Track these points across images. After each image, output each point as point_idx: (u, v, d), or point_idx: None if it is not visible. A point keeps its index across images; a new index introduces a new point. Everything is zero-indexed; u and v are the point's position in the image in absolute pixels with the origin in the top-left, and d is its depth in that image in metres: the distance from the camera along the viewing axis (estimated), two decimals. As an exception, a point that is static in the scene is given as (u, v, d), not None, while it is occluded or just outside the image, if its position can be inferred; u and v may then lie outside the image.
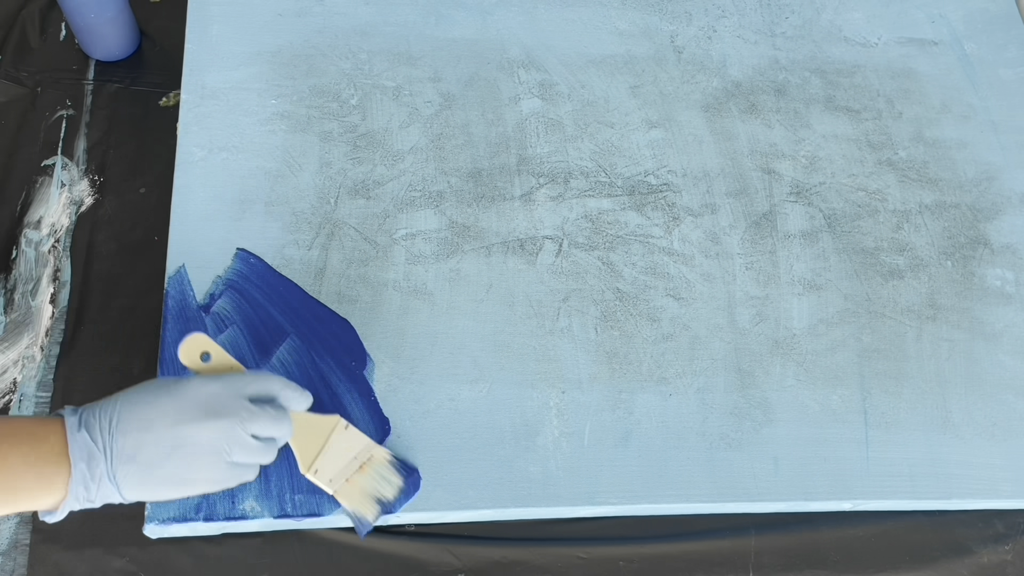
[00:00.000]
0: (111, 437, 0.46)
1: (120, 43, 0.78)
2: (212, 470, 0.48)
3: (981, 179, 0.78)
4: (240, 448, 0.48)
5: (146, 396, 0.48)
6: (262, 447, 0.50)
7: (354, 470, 0.57)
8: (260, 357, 0.62)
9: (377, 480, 0.58)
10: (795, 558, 0.65)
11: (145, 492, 0.48)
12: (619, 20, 0.82)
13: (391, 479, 0.58)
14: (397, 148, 0.72)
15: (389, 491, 0.58)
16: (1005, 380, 0.70)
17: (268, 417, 0.50)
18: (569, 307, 0.68)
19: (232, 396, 0.49)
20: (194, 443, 0.47)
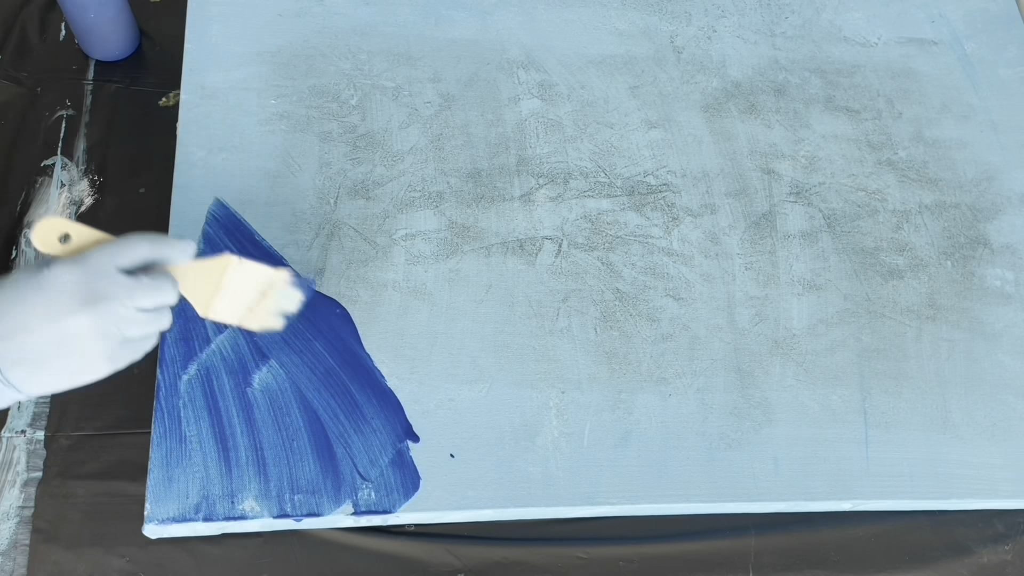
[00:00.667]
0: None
1: (120, 43, 0.78)
2: (106, 353, 0.46)
3: (981, 179, 0.78)
4: (129, 325, 0.47)
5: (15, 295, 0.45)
6: (153, 316, 0.48)
7: (256, 299, 0.56)
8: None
9: (278, 301, 0.57)
10: (795, 558, 0.65)
11: (44, 386, 0.47)
12: (619, 20, 0.82)
13: (292, 296, 0.57)
14: (397, 148, 0.73)
15: (292, 306, 0.57)
16: (1005, 380, 0.70)
17: (146, 287, 0.47)
18: (569, 307, 0.68)
19: (102, 275, 0.46)
20: (77, 334, 0.45)
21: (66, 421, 0.64)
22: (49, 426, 0.64)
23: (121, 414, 0.65)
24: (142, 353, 0.49)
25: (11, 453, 0.63)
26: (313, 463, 0.60)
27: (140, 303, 0.47)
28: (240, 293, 0.55)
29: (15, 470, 0.62)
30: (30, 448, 0.63)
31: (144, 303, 0.47)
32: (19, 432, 0.64)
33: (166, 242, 0.49)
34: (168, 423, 0.60)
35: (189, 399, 0.61)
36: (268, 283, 0.56)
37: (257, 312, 0.56)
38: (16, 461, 0.63)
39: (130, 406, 0.65)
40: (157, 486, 0.58)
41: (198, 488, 0.58)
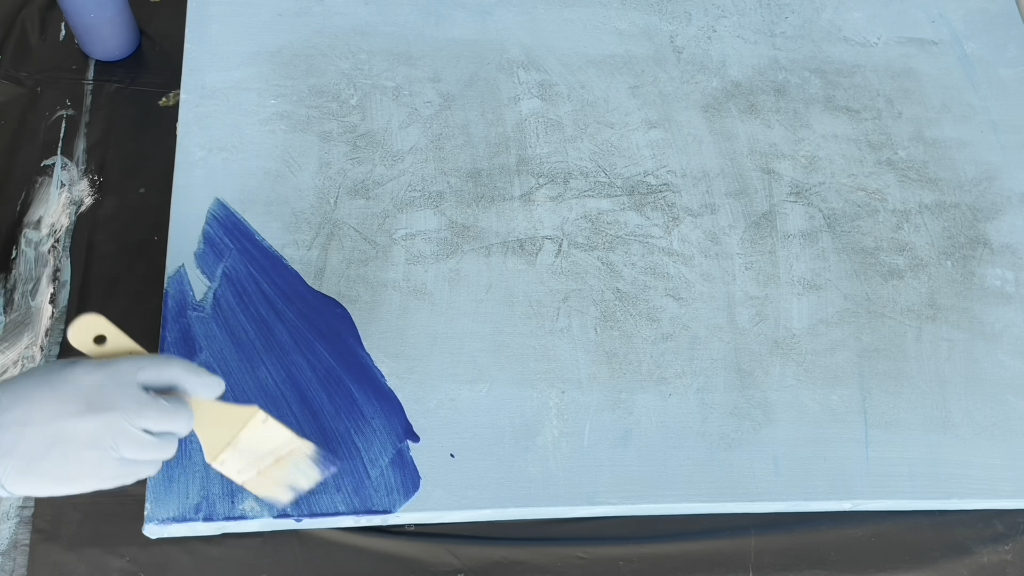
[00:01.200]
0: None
1: (120, 43, 0.78)
2: (98, 466, 0.44)
3: (981, 179, 0.78)
4: (128, 443, 0.44)
5: (27, 385, 0.44)
6: (156, 442, 0.45)
7: (269, 463, 0.52)
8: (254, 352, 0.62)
9: (292, 472, 0.54)
10: (795, 558, 0.65)
11: (29, 487, 0.44)
12: (619, 20, 0.82)
13: (308, 472, 0.54)
14: (397, 148, 0.72)
15: (304, 483, 0.54)
16: (1005, 380, 0.70)
17: (159, 409, 0.45)
18: (569, 307, 0.68)
19: (119, 385, 0.44)
20: (72, 439, 0.43)
21: (66, 421, 0.64)
22: (49, 426, 0.64)
23: (121, 414, 0.65)
24: (135, 479, 0.46)
25: (11, 453, 0.63)
26: (313, 463, 0.60)
27: (150, 424, 0.45)
28: (255, 451, 0.51)
29: (15, 470, 0.62)
30: (30, 448, 0.63)
31: (152, 425, 0.45)
32: None
33: (197, 372, 0.47)
34: (168, 423, 0.60)
35: (189, 399, 0.60)
36: (288, 449, 0.53)
37: (266, 477, 0.53)
38: (16, 461, 0.63)
39: (130, 406, 0.65)
40: (157, 486, 0.58)
41: (198, 488, 0.58)
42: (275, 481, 0.53)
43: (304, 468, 0.54)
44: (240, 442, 0.51)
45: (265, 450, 0.52)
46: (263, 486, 0.53)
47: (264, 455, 0.52)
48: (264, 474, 0.53)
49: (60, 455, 0.43)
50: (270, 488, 0.53)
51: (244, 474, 0.52)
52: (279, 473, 0.53)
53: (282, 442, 0.52)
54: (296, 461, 0.53)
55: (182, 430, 0.47)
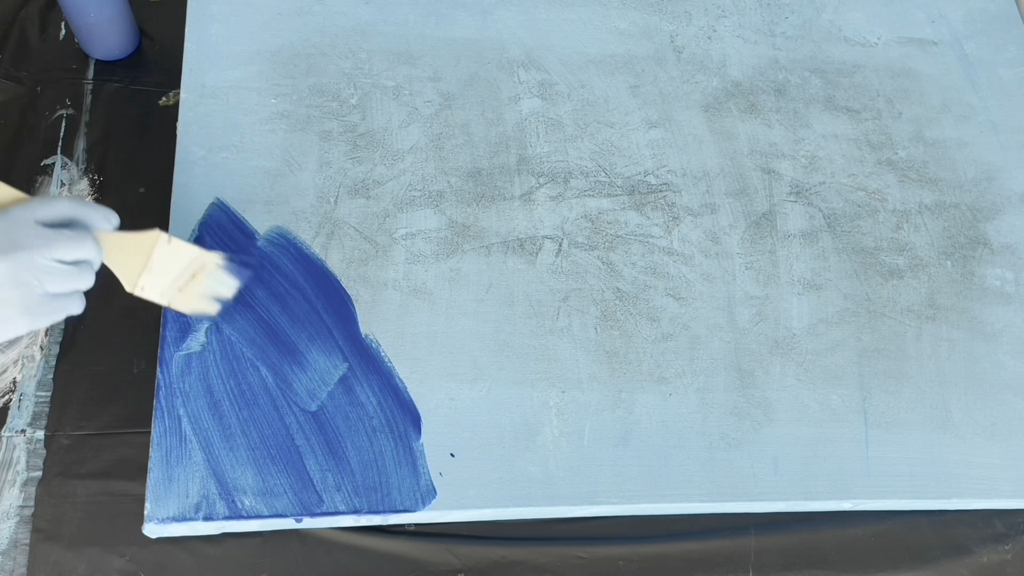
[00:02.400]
0: None
1: (120, 43, 0.78)
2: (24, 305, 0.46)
3: (981, 179, 0.78)
4: (48, 276, 0.46)
5: None
6: (75, 271, 0.48)
7: (187, 280, 0.55)
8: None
9: (211, 284, 0.56)
10: (795, 558, 0.65)
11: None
12: (619, 20, 0.82)
13: (226, 281, 0.57)
14: (397, 147, 0.72)
15: (225, 291, 0.57)
16: (1005, 380, 0.70)
17: (66, 239, 0.47)
18: (569, 307, 0.68)
19: (21, 226, 0.46)
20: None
21: (66, 420, 0.64)
22: (49, 425, 0.64)
23: (121, 413, 0.65)
24: (64, 313, 0.49)
25: (11, 452, 0.63)
26: (314, 462, 0.60)
27: (59, 254, 0.47)
28: (169, 271, 0.54)
29: (15, 469, 0.62)
30: (30, 447, 0.63)
31: (63, 254, 0.47)
32: (19, 431, 0.64)
33: (88, 205, 0.50)
34: (168, 422, 0.60)
35: (189, 398, 0.60)
36: (199, 264, 0.55)
37: (188, 293, 0.55)
38: (16, 460, 0.63)
39: (130, 406, 0.65)
40: (157, 485, 0.58)
41: (198, 487, 0.58)
42: (198, 296, 0.56)
43: (220, 278, 0.57)
44: (153, 265, 0.53)
45: (179, 268, 0.54)
46: (188, 303, 0.56)
47: (180, 273, 0.55)
48: (185, 291, 0.55)
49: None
50: (195, 303, 0.57)
51: (166, 296, 0.55)
52: (199, 288, 0.56)
53: (192, 257, 0.55)
54: (211, 273, 0.56)
55: (92, 253, 0.49)
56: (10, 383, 0.65)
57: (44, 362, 0.66)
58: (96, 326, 0.67)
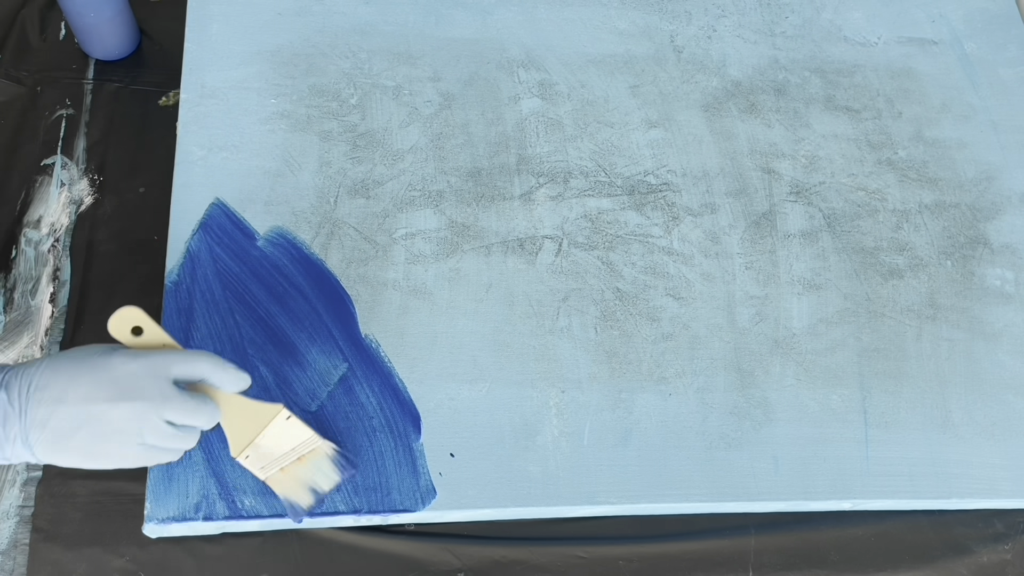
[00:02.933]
0: (27, 401, 0.46)
1: (120, 43, 0.78)
2: (123, 448, 0.48)
3: (981, 179, 0.78)
4: (151, 432, 0.48)
5: (67, 365, 0.47)
6: (177, 433, 0.49)
7: (291, 460, 0.55)
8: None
9: (314, 472, 0.56)
10: (795, 558, 0.65)
11: (57, 457, 0.48)
12: (619, 20, 0.82)
13: (329, 473, 0.56)
14: (397, 147, 0.72)
15: (325, 484, 0.56)
16: (1005, 380, 0.70)
17: (185, 404, 0.48)
18: (569, 307, 0.68)
19: (152, 377, 0.47)
20: (103, 421, 0.47)
21: (66, 420, 0.64)
22: (49, 425, 0.64)
23: (121, 413, 0.65)
24: (158, 463, 0.50)
25: (11, 452, 0.63)
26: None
27: (174, 417, 0.48)
28: (278, 447, 0.54)
29: (15, 469, 0.62)
30: (30, 447, 0.63)
31: (178, 419, 0.48)
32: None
33: (224, 367, 0.50)
34: (168, 422, 0.60)
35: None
36: (309, 448, 0.55)
37: (288, 473, 0.55)
38: (16, 460, 0.63)
39: (130, 405, 0.65)
40: (157, 485, 0.58)
41: (198, 487, 0.58)
42: (296, 480, 0.55)
43: (324, 469, 0.56)
44: (264, 438, 0.53)
45: (287, 448, 0.54)
46: (285, 484, 0.55)
47: (287, 453, 0.54)
48: (286, 471, 0.55)
49: (88, 435, 0.47)
50: (291, 487, 0.55)
51: (267, 471, 0.54)
52: (300, 472, 0.55)
53: (304, 441, 0.54)
54: (317, 461, 0.55)
55: (204, 424, 0.50)
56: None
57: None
58: (96, 326, 0.67)
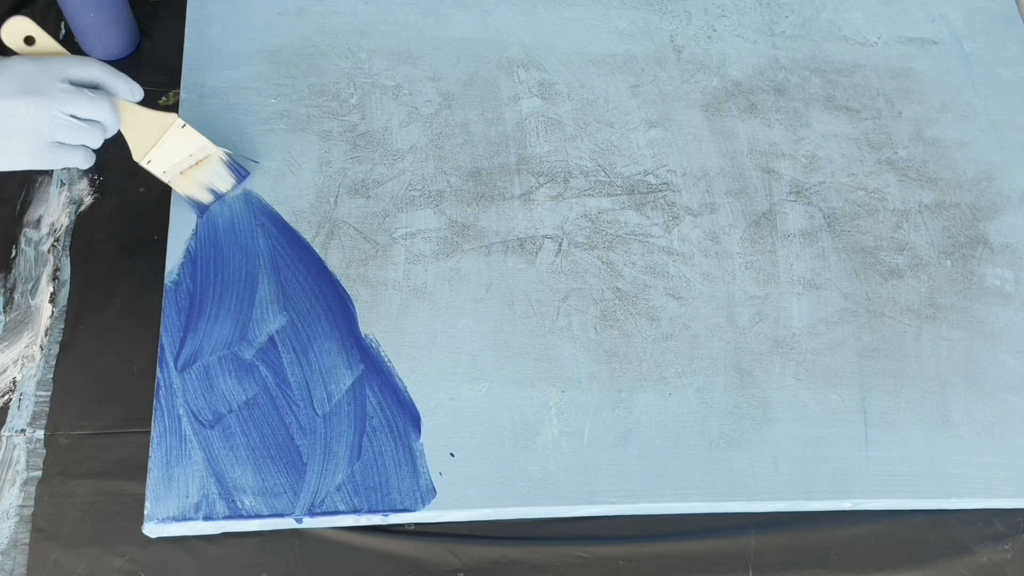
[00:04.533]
0: None
1: (120, 42, 0.78)
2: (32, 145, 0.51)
3: (981, 178, 0.78)
4: (59, 127, 0.51)
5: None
6: (85, 127, 0.52)
7: (190, 165, 0.61)
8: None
9: (211, 174, 0.62)
10: (795, 557, 0.65)
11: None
12: (619, 19, 0.82)
13: (225, 176, 0.63)
14: (397, 147, 0.73)
15: (222, 185, 0.63)
16: (1005, 379, 0.70)
17: (85, 98, 0.51)
18: (569, 306, 0.68)
19: (49, 76, 0.51)
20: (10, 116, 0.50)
21: (66, 420, 0.64)
22: (49, 425, 0.64)
23: (121, 413, 0.65)
24: (65, 164, 0.53)
25: (11, 452, 0.63)
26: (313, 462, 0.60)
27: (76, 110, 0.51)
28: (176, 153, 0.60)
29: (15, 469, 0.62)
30: (30, 447, 0.63)
31: (80, 111, 0.52)
32: (19, 431, 0.64)
33: (116, 74, 0.55)
34: (168, 422, 0.60)
35: (189, 398, 0.61)
36: (204, 154, 0.61)
37: (188, 177, 0.61)
38: (16, 460, 0.63)
39: (130, 405, 0.65)
40: (157, 485, 0.58)
41: (198, 487, 0.58)
42: (196, 182, 0.62)
43: (221, 172, 0.63)
44: (163, 143, 0.59)
45: (186, 152, 0.61)
46: (186, 186, 0.63)
47: (185, 157, 0.61)
48: (186, 174, 0.61)
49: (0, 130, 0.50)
50: (192, 188, 0.63)
51: (169, 174, 0.61)
52: (199, 175, 0.62)
53: (200, 146, 0.61)
54: (213, 165, 0.63)
55: (106, 118, 0.54)
56: (10, 383, 0.65)
57: (44, 362, 0.66)
58: (96, 326, 0.67)
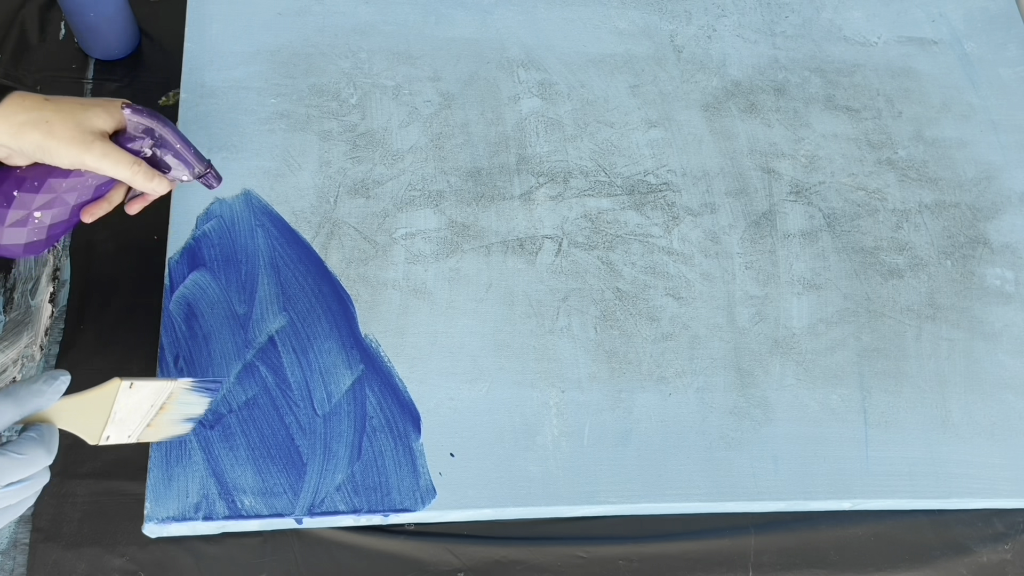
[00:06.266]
0: None
1: (119, 42, 0.78)
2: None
3: (981, 178, 0.78)
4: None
5: None
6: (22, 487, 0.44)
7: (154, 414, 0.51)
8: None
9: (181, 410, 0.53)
10: (795, 557, 0.65)
11: None
12: (619, 19, 0.82)
13: (197, 404, 0.54)
14: (397, 147, 0.72)
15: (197, 409, 0.54)
16: (1005, 379, 0.70)
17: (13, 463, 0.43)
18: (569, 306, 0.68)
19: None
20: None
21: (66, 420, 0.64)
22: (49, 425, 0.64)
23: (121, 413, 0.65)
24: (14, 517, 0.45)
25: (11, 452, 0.63)
26: (313, 462, 0.60)
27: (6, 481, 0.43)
28: (134, 413, 0.50)
29: (15, 469, 0.62)
30: (30, 447, 0.63)
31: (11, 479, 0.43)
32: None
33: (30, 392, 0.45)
34: (168, 422, 0.60)
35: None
36: (166, 394, 0.52)
37: (157, 425, 0.52)
38: (16, 460, 0.63)
39: (130, 405, 0.65)
40: (157, 485, 0.58)
41: (198, 487, 0.58)
42: (168, 423, 0.53)
43: (190, 402, 0.54)
44: (116, 414, 0.49)
45: (145, 407, 0.51)
46: (157, 433, 0.53)
47: (146, 410, 0.51)
48: (154, 425, 0.52)
49: None
50: (164, 431, 0.54)
51: (134, 436, 0.51)
52: (167, 416, 0.53)
53: (157, 391, 0.51)
54: (178, 401, 0.53)
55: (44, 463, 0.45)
56: (10, 383, 0.65)
57: (44, 362, 0.66)
58: (96, 326, 0.67)
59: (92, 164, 0.53)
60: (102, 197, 0.57)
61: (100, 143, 0.53)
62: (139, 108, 0.55)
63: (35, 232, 0.55)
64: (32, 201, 0.54)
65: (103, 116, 0.53)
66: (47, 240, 0.56)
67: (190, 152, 0.56)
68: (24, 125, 0.51)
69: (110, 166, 0.53)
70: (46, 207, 0.54)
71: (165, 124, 0.55)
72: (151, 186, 0.55)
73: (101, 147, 0.53)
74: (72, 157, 0.52)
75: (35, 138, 0.51)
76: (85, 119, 0.52)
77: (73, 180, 0.54)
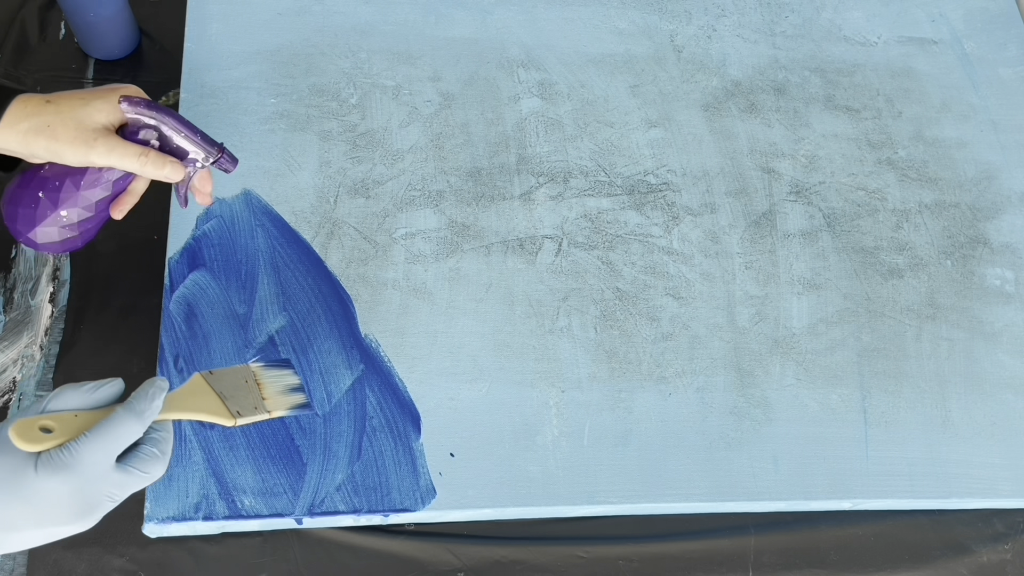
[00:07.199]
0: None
1: (119, 42, 0.78)
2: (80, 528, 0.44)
3: (981, 178, 0.78)
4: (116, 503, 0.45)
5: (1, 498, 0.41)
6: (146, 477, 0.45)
7: (257, 392, 0.53)
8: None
9: (275, 382, 0.55)
10: (795, 557, 0.65)
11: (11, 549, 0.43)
12: (619, 19, 0.82)
13: (283, 376, 0.55)
14: (397, 147, 0.72)
15: (293, 380, 0.56)
16: (1005, 379, 0.70)
17: (139, 479, 0.45)
18: (569, 306, 0.68)
19: (97, 480, 0.43)
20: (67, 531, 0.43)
21: (66, 420, 0.64)
22: (49, 425, 0.64)
23: (121, 413, 0.65)
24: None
25: (11, 452, 0.63)
26: (313, 462, 0.60)
27: (128, 491, 0.45)
28: (238, 392, 0.52)
29: (15, 469, 0.62)
30: (30, 447, 0.63)
31: (130, 492, 0.45)
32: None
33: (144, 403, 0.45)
34: (168, 422, 0.60)
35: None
36: (248, 375, 0.54)
37: (270, 399, 0.54)
38: (16, 460, 0.63)
39: (130, 405, 0.65)
40: (157, 485, 0.58)
41: (198, 487, 0.58)
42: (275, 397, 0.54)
43: (275, 375, 0.55)
44: (226, 397, 0.51)
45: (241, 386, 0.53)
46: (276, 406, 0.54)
47: (247, 392, 0.53)
48: (267, 399, 0.53)
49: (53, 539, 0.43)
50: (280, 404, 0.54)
51: (260, 410, 0.53)
52: (272, 391, 0.54)
53: (240, 375, 0.53)
54: (265, 377, 0.55)
55: (159, 475, 0.46)
56: (10, 383, 0.65)
57: (44, 362, 0.66)
58: (96, 326, 0.67)
59: (99, 161, 0.53)
60: (125, 191, 0.57)
61: (103, 139, 0.52)
62: (136, 100, 0.54)
63: (67, 230, 0.56)
64: (56, 202, 0.55)
65: (105, 110, 0.53)
66: (81, 236, 0.57)
67: (197, 137, 0.56)
68: (28, 132, 0.51)
69: (117, 160, 0.53)
70: (70, 206, 0.55)
71: (165, 114, 0.55)
72: (164, 173, 0.55)
73: (104, 143, 0.52)
74: (79, 157, 0.52)
75: (41, 143, 0.52)
76: (86, 116, 0.52)
77: (89, 177, 0.55)
